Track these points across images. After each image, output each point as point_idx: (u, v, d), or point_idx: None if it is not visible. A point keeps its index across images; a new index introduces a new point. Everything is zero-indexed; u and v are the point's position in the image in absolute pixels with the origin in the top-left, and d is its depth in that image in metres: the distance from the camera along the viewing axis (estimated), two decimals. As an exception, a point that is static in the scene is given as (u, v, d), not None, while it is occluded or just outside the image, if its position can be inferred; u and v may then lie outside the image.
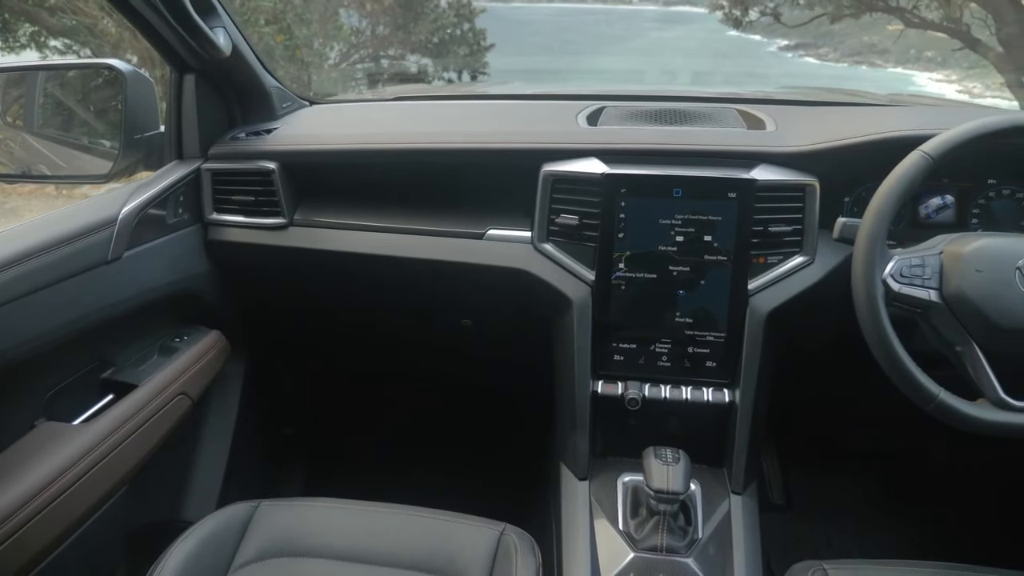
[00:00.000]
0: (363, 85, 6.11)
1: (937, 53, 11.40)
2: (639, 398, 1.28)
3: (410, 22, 6.30)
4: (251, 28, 5.50)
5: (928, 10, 5.26)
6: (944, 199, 1.33)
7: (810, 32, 12.55)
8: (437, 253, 1.36)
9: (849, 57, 14.20)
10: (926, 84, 13.12)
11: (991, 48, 4.63)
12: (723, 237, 1.23)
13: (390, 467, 1.79)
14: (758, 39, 13.27)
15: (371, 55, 6.29)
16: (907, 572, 1.10)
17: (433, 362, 1.81)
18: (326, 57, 6.12)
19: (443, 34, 6.41)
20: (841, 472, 1.86)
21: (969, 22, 4.90)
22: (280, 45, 5.55)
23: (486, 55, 6.61)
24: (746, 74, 12.43)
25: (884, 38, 10.65)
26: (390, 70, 6.24)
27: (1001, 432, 1.02)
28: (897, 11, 5.46)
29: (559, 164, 1.28)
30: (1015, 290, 1.01)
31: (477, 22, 7.01)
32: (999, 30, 4.44)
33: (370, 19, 6.33)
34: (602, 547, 1.18)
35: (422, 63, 6.42)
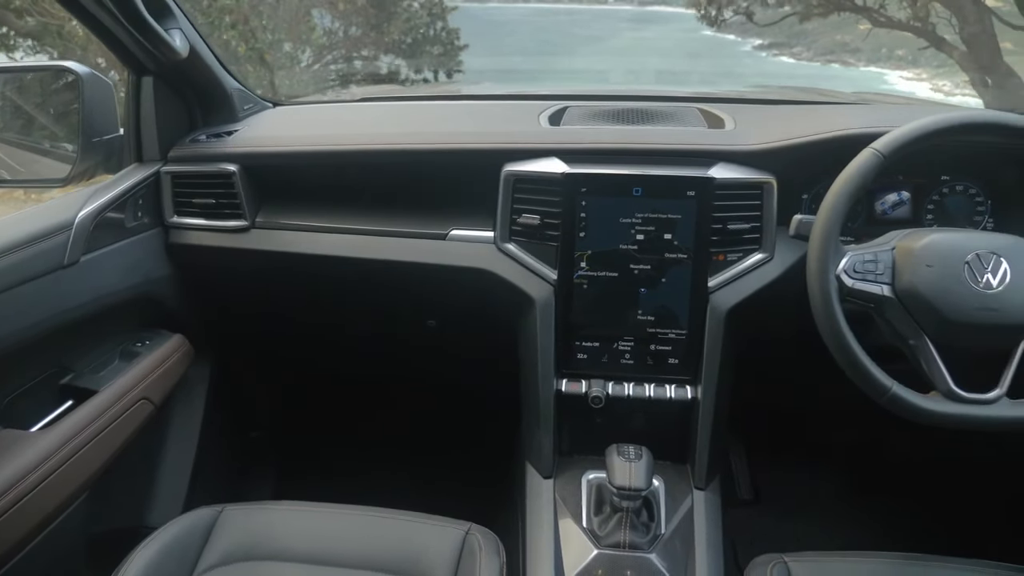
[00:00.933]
0: (337, 86, 6.08)
1: (908, 52, 11.58)
2: (602, 396, 1.29)
3: (383, 22, 6.28)
4: (217, 31, 5.45)
5: (895, 9, 5.35)
6: (900, 195, 1.36)
7: (783, 32, 12.68)
8: (400, 254, 1.36)
9: (822, 56, 14.35)
10: (897, 82, 13.28)
11: (956, 47, 4.72)
12: (683, 235, 1.25)
13: (359, 468, 1.79)
14: (732, 39, 13.37)
15: (344, 56, 6.26)
16: (864, 563, 1.12)
17: (399, 363, 1.81)
18: (298, 59, 6.09)
19: (416, 34, 6.39)
20: (807, 467, 1.88)
21: (935, 21, 5.00)
22: (248, 47, 5.50)
23: (460, 54, 6.61)
24: (721, 74, 12.51)
25: (856, 37, 10.80)
26: (364, 71, 6.22)
27: (952, 423, 1.04)
28: (864, 10, 5.53)
29: (520, 164, 1.29)
30: (963, 284, 1.03)
31: (451, 22, 7.00)
32: (962, 29, 4.53)
33: (342, 20, 6.30)
34: (566, 545, 1.19)
35: (396, 64, 6.40)
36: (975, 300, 1.02)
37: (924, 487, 1.80)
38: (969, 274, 1.03)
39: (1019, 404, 1.03)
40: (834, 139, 1.22)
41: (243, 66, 5.85)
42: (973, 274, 1.03)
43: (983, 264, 1.04)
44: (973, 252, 1.04)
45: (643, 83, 3.76)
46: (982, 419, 1.03)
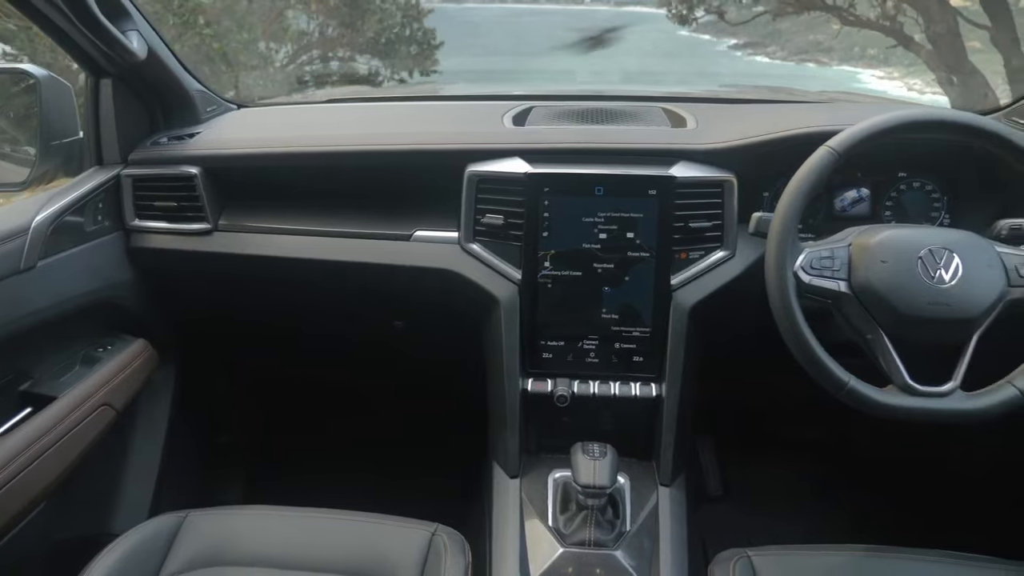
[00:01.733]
0: (313, 86, 6.04)
1: (879, 51, 11.72)
2: (568, 395, 1.29)
3: (357, 20, 6.23)
4: (190, 30, 5.39)
5: (865, 8, 5.41)
6: (859, 192, 1.38)
7: (758, 31, 12.78)
8: (364, 255, 1.36)
9: (796, 55, 14.48)
10: (870, 81, 13.43)
11: (923, 46, 4.79)
12: (645, 233, 1.25)
13: (328, 471, 1.78)
14: (708, 39, 13.45)
15: (320, 56, 6.22)
16: (825, 556, 1.13)
17: (367, 364, 1.80)
18: (272, 59, 6.03)
19: (390, 33, 6.36)
20: (776, 462, 1.90)
21: (902, 20, 5.06)
22: (223, 47, 5.45)
23: (436, 54, 6.59)
24: (697, 73, 12.55)
25: (829, 36, 10.90)
26: (339, 72, 6.17)
27: (907, 416, 1.05)
28: (834, 9, 5.59)
29: (483, 164, 1.29)
30: (917, 279, 1.05)
31: (427, 22, 6.97)
32: (928, 28, 4.59)
33: (316, 19, 6.25)
34: (532, 544, 1.19)
35: (372, 64, 6.36)
36: (928, 295, 1.04)
37: (891, 480, 1.82)
38: (922, 269, 1.05)
39: (972, 397, 1.05)
40: (791, 137, 1.23)
41: (217, 66, 5.80)
42: (926, 269, 1.05)
43: (936, 259, 1.05)
44: (926, 248, 1.06)
45: (608, 83, 3.77)
46: (936, 411, 1.04)
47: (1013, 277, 1.06)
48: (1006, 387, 1.04)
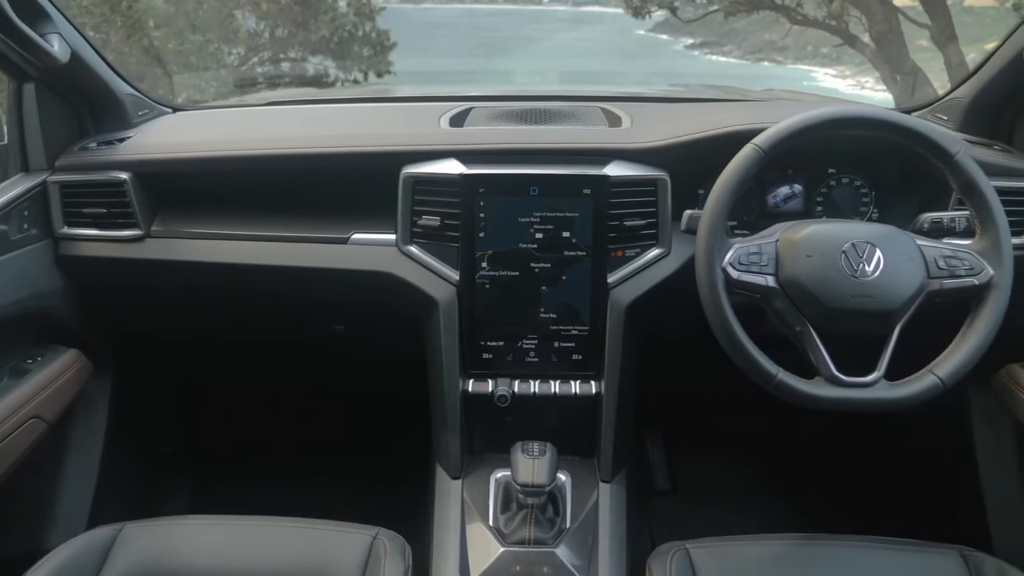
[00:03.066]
0: (265, 87, 5.95)
1: (832, 49, 11.99)
2: (508, 395, 1.29)
3: (309, 19, 6.17)
4: (140, 32, 5.29)
5: (812, 8, 5.53)
6: (792, 188, 1.40)
7: (714, 31, 12.98)
8: (301, 260, 1.34)
9: (751, 54, 14.74)
10: (824, 79, 13.74)
11: (867, 45, 4.92)
12: (581, 233, 1.26)
13: (273, 478, 1.76)
14: (665, 38, 13.61)
15: (271, 57, 6.14)
16: (761, 545, 1.15)
17: (310, 369, 1.79)
18: (223, 61, 5.94)
19: (343, 33, 6.31)
20: (725, 455, 1.93)
21: (848, 20, 5.19)
22: (173, 49, 5.35)
23: (390, 54, 6.55)
24: (654, 73, 12.70)
25: (783, 35, 11.12)
26: (291, 72, 6.10)
27: (834, 407, 1.08)
28: (782, 9, 5.71)
29: (419, 166, 1.28)
30: (840, 273, 1.07)
31: (384, 22, 6.93)
32: (871, 28, 4.72)
33: (268, 20, 6.17)
34: (472, 544, 1.19)
35: (325, 65, 6.31)
36: (851, 288, 1.07)
37: (836, 468, 1.87)
38: (845, 263, 1.08)
39: (895, 386, 1.07)
40: (720, 135, 1.25)
41: (167, 68, 5.69)
42: (849, 263, 1.08)
43: (858, 253, 1.08)
44: (849, 242, 1.09)
45: (553, 83, 3.79)
46: (862, 401, 1.07)
47: (933, 269, 1.09)
48: (927, 376, 1.07)
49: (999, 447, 1.44)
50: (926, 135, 1.09)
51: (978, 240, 1.11)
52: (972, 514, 1.48)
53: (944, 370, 1.07)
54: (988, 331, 1.07)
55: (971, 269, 1.09)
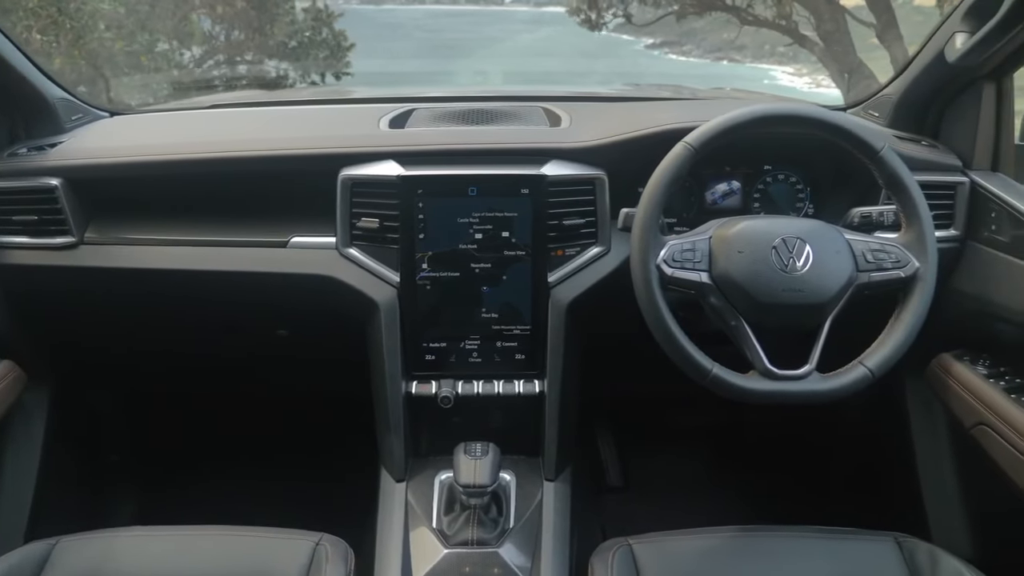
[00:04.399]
0: (221, 89, 5.87)
1: (788, 48, 12.21)
2: (452, 396, 1.29)
3: (265, 24, 6.09)
4: (90, 34, 5.17)
5: (762, 9, 5.62)
6: (731, 185, 1.42)
7: (674, 30, 13.11)
8: (240, 264, 1.32)
9: (711, 53, 14.94)
10: (781, 78, 13.98)
11: (816, 43, 5.02)
12: (520, 232, 1.27)
13: (223, 484, 1.74)
14: (626, 38, 13.72)
15: (228, 60, 6.05)
16: (702, 539, 1.17)
17: (255, 374, 1.76)
18: (177, 63, 5.83)
19: (301, 37, 6.25)
20: (675, 450, 1.95)
21: (797, 20, 5.29)
22: (122, 51, 5.24)
23: (347, 56, 6.50)
24: (617, 73, 12.77)
25: (742, 35, 11.31)
26: (249, 75, 6.02)
27: (768, 400, 1.10)
28: (734, 10, 5.80)
29: (357, 168, 1.28)
30: (771, 268, 1.09)
31: (345, 24, 6.88)
32: (818, 27, 4.81)
33: (223, 23, 6.07)
34: (416, 547, 1.19)
35: (282, 67, 6.23)
36: (782, 282, 1.09)
37: (783, 459, 1.90)
38: (776, 258, 1.09)
39: (827, 378, 1.10)
40: (653, 134, 1.27)
41: (120, 70, 5.58)
42: (779, 258, 1.09)
43: (788, 248, 1.10)
44: (779, 237, 1.10)
45: (498, 84, 3.81)
46: (795, 394, 1.09)
47: (861, 263, 1.12)
48: (857, 367, 1.10)
49: (934, 435, 1.48)
50: (851, 132, 1.12)
51: (904, 234, 1.14)
52: (911, 501, 1.51)
53: (873, 361, 1.09)
54: (915, 322, 1.10)
55: (897, 262, 1.11)
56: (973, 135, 1.32)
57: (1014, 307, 1.22)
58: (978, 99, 1.30)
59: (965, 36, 1.19)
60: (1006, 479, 1.20)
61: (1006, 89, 1.30)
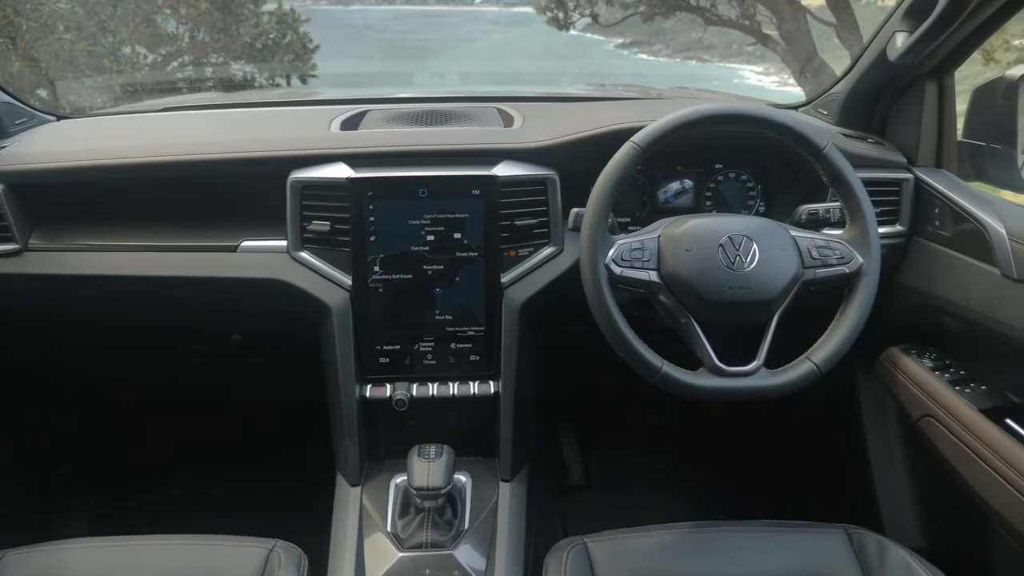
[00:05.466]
0: (187, 90, 5.79)
1: (755, 47, 12.36)
2: (406, 399, 1.29)
3: (231, 26, 6.02)
4: (49, 35, 5.07)
5: (726, 9, 5.68)
6: (683, 184, 1.44)
7: (643, 30, 13.20)
8: (190, 270, 1.30)
9: (680, 53, 15.07)
10: (750, 77, 14.14)
11: (778, 43, 5.09)
12: (472, 233, 1.26)
13: (178, 493, 1.72)
14: (596, 38, 13.79)
15: (192, 62, 5.96)
16: (657, 535, 1.18)
17: (211, 381, 1.74)
18: (141, 65, 5.74)
19: (266, 39, 6.18)
20: (637, 447, 1.96)
21: (760, 20, 5.36)
22: (84, 52, 5.14)
23: (313, 59, 6.44)
24: (588, 73, 12.83)
25: (709, 34, 11.42)
26: (215, 77, 5.94)
27: (717, 396, 1.11)
28: (698, 10, 5.85)
29: (306, 171, 1.26)
30: (718, 266, 1.10)
31: (313, 25, 6.82)
32: (780, 26, 4.88)
33: (187, 24, 5.99)
34: (369, 551, 1.18)
35: (246, 69, 6.16)
36: (729, 280, 1.10)
37: (741, 456, 1.92)
38: (723, 256, 1.10)
39: (775, 374, 1.11)
40: (601, 134, 1.27)
41: (81, 72, 5.48)
42: (726, 256, 1.11)
43: (735, 246, 1.11)
44: (726, 235, 1.12)
45: (454, 85, 3.80)
46: (743, 390, 1.10)
47: (807, 259, 1.13)
48: (804, 363, 1.11)
49: (885, 427, 1.50)
50: (796, 130, 1.13)
51: (848, 230, 1.16)
52: (864, 493, 1.54)
53: (819, 356, 1.11)
54: (859, 317, 1.12)
55: (842, 258, 1.13)
56: (917, 132, 1.35)
57: (956, 301, 1.25)
58: (921, 97, 1.33)
59: (905, 35, 1.21)
60: (951, 470, 1.22)
61: (947, 87, 1.33)
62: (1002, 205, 1.21)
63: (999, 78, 1.26)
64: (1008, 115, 1.25)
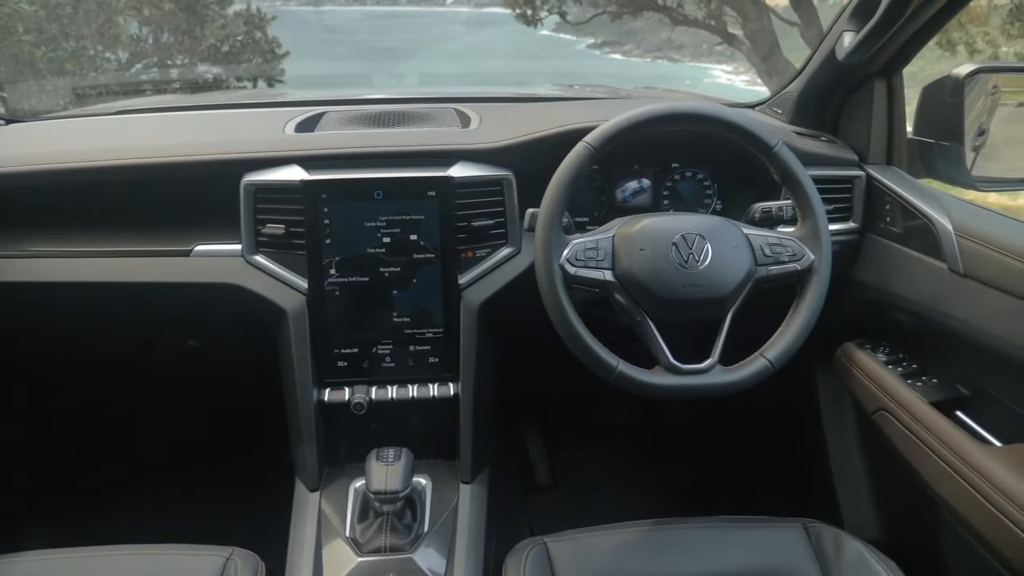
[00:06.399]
0: (151, 94, 5.69)
1: (727, 47, 12.50)
2: (365, 402, 1.28)
3: (195, 27, 5.93)
4: (9, 37, 4.96)
5: (693, 9, 5.73)
6: (640, 183, 1.44)
7: (614, 30, 13.28)
8: (143, 275, 1.28)
9: (651, 53, 15.18)
10: (720, 76, 14.29)
11: (743, 42, 5.14)
12: (428, 235, 1.26)
13: (138, 501, 1.69)
14: (568, 38, 13.84)
15: (157, 64, 5.87)
16: (617, 534, 1.18)
17: (168, 388, 1.72)
18: (103, 68, 5.64)
19: (233, 41, 6.10)
20: (603, 446, 1.97)
21: (726, 19, 5.41)
22: (45, 56, 5.04)
23: (281, 61, 6.38)
24: (561, 74, 12.86)
25: (679, 34, 11.53)
26: (181, 79, 5.86)
27: (673, 394, 1.11)
28: (665, 10, 5.89)
29: (259, 173, 1.25)
30: (672, 264, 1.11)
31: (277, 28, 6.75)
32: (744, 26, 4.93)
33: (151, 26, 5.89)
34: (328, 557, 1.17)
35: (214, 71, 6.08)
36: (682, 278, 1.10)
37: (706, 452, 1.93)
38: (676, 254, 1.11)
39: (729, 371, 1.12)
40: (558, 134, 1.27)
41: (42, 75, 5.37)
42: (679, 254, 1.11)
43: (688, 244, 1.12)
44: (679, 234, 1.12)
45: (408, 85, 3.79)
46: (699, 387, 1.11)
47: (759, 256, 1.14)
48: (758, 359, 1.12)
49: (842, 422, 1.52)
50: (746, 129, 1.14)
51: (799, 227, 1.17)
52: (824, 487, 1.56)
53: (773, 353, 1.12)
54: (811, 313, 1.13)
55: (793, 255, 1.14)
56: (868, 130, 1.37)
57: (907, 295, 1.27)
58: (870, 96, 1.35)
59: (852, 35, 1.23)
60: (904, 462, 1.24)
61: (896, 86, 1.35)
62: (949, 201, 1.24)
63: (946, 76, 1.29)
64: (955, 113, 1.27)
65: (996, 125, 1.37)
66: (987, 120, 1.36)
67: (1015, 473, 1.05)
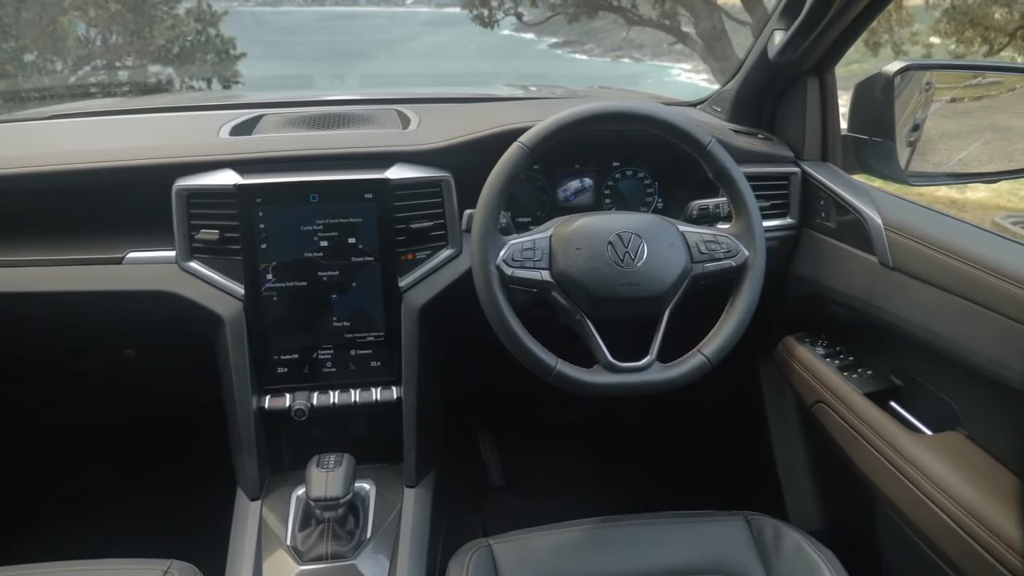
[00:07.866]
0: (99, 96, 5.54)
1: (685, 47, 12.61)
2: (306, 408, 1.26)
3: (144, 27, 5.80)
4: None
5: (648, 9, 5.78)
6: (583, 182, 1.45)
7: (575, 30, 13.33)
8: (73, 284, 1.25)
9: (611, 52, 15.28)
10: (680, 75, 14.43)
11: (696, 41, 5.21)
12: (367, 238, 1.25)
13: (75, 518, 1.64)
14: (529, 37, 13.86)
15: (105, 66, 5.72)
16: (561, 533, 1.18)
17: (103, 399, 1.67)
18: (47, 71, 5.48)
19: (184, 41, 5.98)
20: (556, 446, 1.97)
21: (680, 19, 5.48)
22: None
23: (235, 62, 6.27)
24: (524, 75, 12.87)
25: (639, 33, 11.61)
26: (131, 81, 5.72)
27: (612, 392, 1.12)
28: (620, 10, 5.94)
29: (192, 178, 1.23)
30: (608, 263, 1.11)
31: (234, 28, 6.64)
32: (697, 26, 5.00)
33: (98, 27, 5.74)
34: (268, 566, 1.15)
35: (165, 73, 5.96)
36: (619, 277, 1.11)
37: (657, 449, 1.95)
38: (612, 253, 1.11)
39: (667, 368, 1.13)
40: (495, 134, 1.27)
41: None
42: (615, 253, 1.12)
43: (623, 243, 1.12)
44: (615, 233, 1.13)
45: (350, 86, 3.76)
46: (637, 384, 1.11)
47: (695, 254, 1.15)
48: (695, 356, 1.13)
49: (784, 415, 1.55)
50: (680, 127, 1.15)
51: (734, 224, 1.18)
52: (768, 480, 1.58)
53: (710, 349, 1.13)
54: (747, 309, 1.14)
55: (728, 252, 1.15)
56: (803, 127, 1.39)
57: (842, 289, 1.29)
58: (804, 93, 1.37)
59: (782, 33, 1.24)
60: (842, 453, 1.26)
61: (828, 84, 1.37)
62: (879, 196, 1.26)
63: (877, 73, 1.31)
64: (886, 109, 1.30)
65: (930, 121, 1.41)
66: (921, 116, 1.39)
67: (943, 462, 1.07)
